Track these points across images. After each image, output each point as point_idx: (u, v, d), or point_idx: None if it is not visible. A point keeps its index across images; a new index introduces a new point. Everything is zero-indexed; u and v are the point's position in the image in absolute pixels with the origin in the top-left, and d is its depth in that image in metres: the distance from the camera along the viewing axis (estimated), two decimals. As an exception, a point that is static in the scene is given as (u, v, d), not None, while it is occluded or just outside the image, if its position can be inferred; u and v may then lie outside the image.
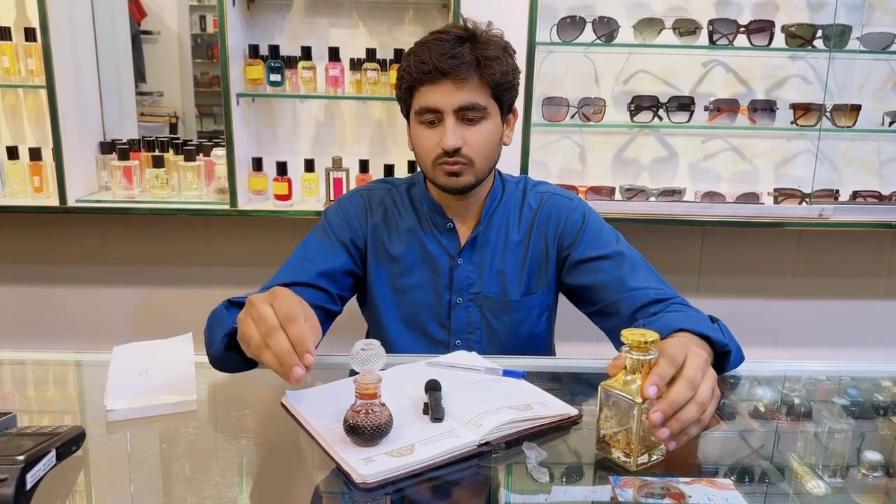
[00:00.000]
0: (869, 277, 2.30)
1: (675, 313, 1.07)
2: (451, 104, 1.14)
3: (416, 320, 1.28)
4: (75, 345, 2.25)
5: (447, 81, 1.13)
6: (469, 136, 1.16)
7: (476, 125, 1.16)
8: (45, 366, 1.13)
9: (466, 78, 1.13)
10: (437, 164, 1.17)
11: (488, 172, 1.22)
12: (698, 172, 2.20)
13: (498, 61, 1.15)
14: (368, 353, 0.78)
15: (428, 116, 1.16)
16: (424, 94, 1.15)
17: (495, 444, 0.83)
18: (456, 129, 1.14)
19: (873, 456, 0.84)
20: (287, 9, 2.09)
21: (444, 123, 1.15)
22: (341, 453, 0.78)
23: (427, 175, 1.23)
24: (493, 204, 1.28)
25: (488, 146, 1.18)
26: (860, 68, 2.11)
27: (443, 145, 1.14)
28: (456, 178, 1.17)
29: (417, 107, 1.17)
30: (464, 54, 1.12)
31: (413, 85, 1.17)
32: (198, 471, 0.78)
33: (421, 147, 1.19)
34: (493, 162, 1.23)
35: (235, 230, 2.20)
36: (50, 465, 0.73)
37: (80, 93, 2.04)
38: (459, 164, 1.16)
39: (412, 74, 1.15)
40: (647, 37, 2.01)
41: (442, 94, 1.13)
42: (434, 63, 1.12)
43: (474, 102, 1.14)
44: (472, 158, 1.16)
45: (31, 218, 2.16)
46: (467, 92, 1.14)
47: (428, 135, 1.17)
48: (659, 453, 0.81)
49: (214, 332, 1.05)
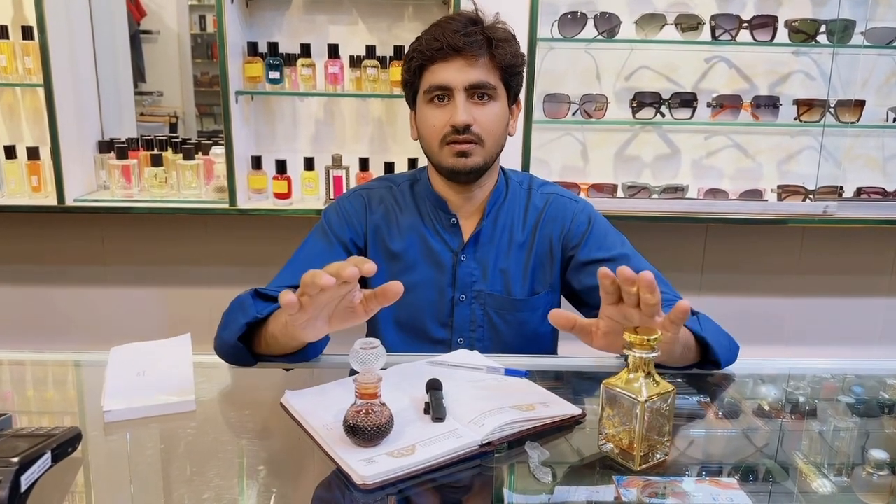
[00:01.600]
0: (873, 274, 2.29)
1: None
2: (462, 81, 1.14)
3: (414, 321, 1.26)
4: (74, 345, 2.24)
5: (459, 59, 1.14)
6: (479, 115, 1.16)
7: (486, 104, 1.17)
8: (44, 366, 1.12)
9: (478, 56, 1.15)
10: (446, 143, 1.17)
11: (496, 157, 1.22)
12: (701, 169, 2.19)
13: (508, 43, 1.18)
14: (369, 352, 0.77)
15: (438, 93, 1.16)
16: (435, 71, 1.16)
17: (497, 444, 0.82)
18: (466, 106, 1.15)
19: (879, 454, 0.83)
20: (286, 6, 2.08)
21: (454, 101, 1.15)
22: (341, 454, 0.77)
23: (433, 159, 1.22)
24: (498, 200, 1.27)
25: (498, 126, 1.19)
26: (864, 63, 2.10)
27: (453, 121, 1.15)
28: (465, 158, 1.17)
29: (427, 85, 1.17)
30: (476, 33, 1.15)
31: (424, 64, 1.17)
32: (196, 472, 0.78)
33: (428, 127, 1.19)
34: (501, 146, 1.23)
35: (235, 229, 2.19)
36: (45, 466, 0.72)
37: (77, 92, 2.03)
38: (470, 143, 1.16)
39: (424, 53, 1.16)
40: (649, 32, 1.99)
41: (454, 70, 1.14)
42: (447, 40, 1.13)
43: (485, 81, 1.15)
44: (482, 137, 1.17)
45: (29, 217, 2.15)
46: (479, 70, 1.15)
47: (436, 113, 1.17)
48: (662, 453, 0.80)
49: (236, 316, 1.05)
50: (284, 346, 1.02)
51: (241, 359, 1.06)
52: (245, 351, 1.05)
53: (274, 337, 1.02)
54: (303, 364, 1.08)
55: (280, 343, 1.02)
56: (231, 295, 1.12)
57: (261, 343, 1.06)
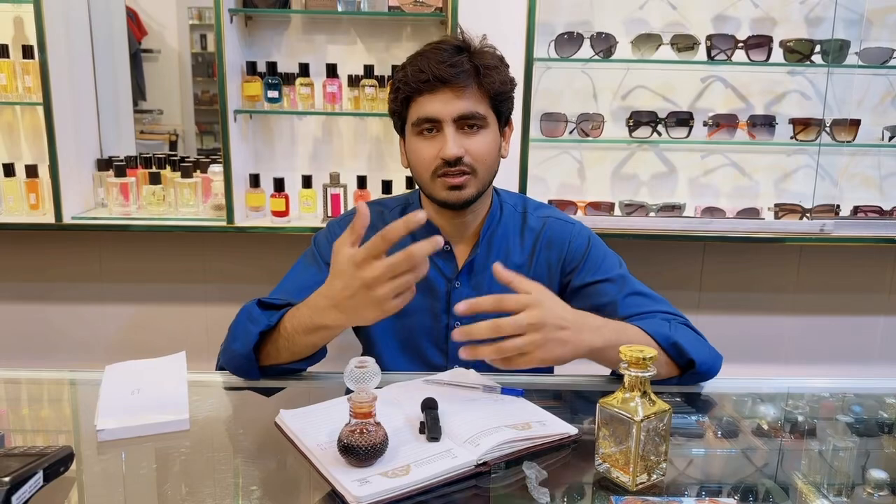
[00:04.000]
0: (871, 293, 2.29)
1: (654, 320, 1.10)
2: (450, 113, 1.12)
3: (412, 345, 1.25)
4: (70, 363, 2.23)
5: (446, 90, 1.12)
6: (470, 145, 1.14)
7: (476, 134, 1.15)
8: (38, 384, 1.12)
9: (466, 86, 1.12)
10: (437, 176, 1.15)
11: (489, 185, 1.21)
12: (698, 188, 2.20)
13: (496, 70, 1.15)
14: (363, 370, 0.77)
15: (427, 126, 1.14)
16: (422, 104, 1.14)
17: (493, 465, 0.81)
18: (456, 138, 1.13)
19: (878, 474, 0.83)
20: (285, 26, 2.09)
21: (444, 133, 1.13)
22: (335, 474, 0.76)
23: (425, 190, 1.20)
24: (492, 225, 1.25)
25: (489, 155, 1.17)
26: (859, 83, 2.11)
27: (443, 154, 1.12)
28: (458, 191, 1.15)
29: (415, 118, 1.15)
30: (462, 63, 1.12)
31: (410, 96, 1.15)
32: (190, 492, 0.77)
33: (419, 160, 1.17)
34: (494, 173, 1.21)
35: (232, 247, 2.19)
36: (37, 486, 0.71)
37: (77, 110, 2.04)
38: (464, 176, 1.14)
39: (409, 84, 1.13)
40: (646, 52, 2.01)
41: (441, 102, 1.12)
42: (433, 71, 1.10)
43: (474, 111, 1.13)
44: (474, 167, 1.14)
45: (27, 235, 2.15)
46: (466, 100, 1.12)
47: (426, 146, 1.15)
48: (658, 472, 0.79)
49: (247, 327, 1.04)
50: (298, 352, 1.03)
51: (251, 371, 1.05)
52: (255, 363, 1.04)
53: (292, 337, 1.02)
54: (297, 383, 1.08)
55: (294, 348, 1.02)
56: (229, 313, 1.12)
57: (270, 352, 1.05)
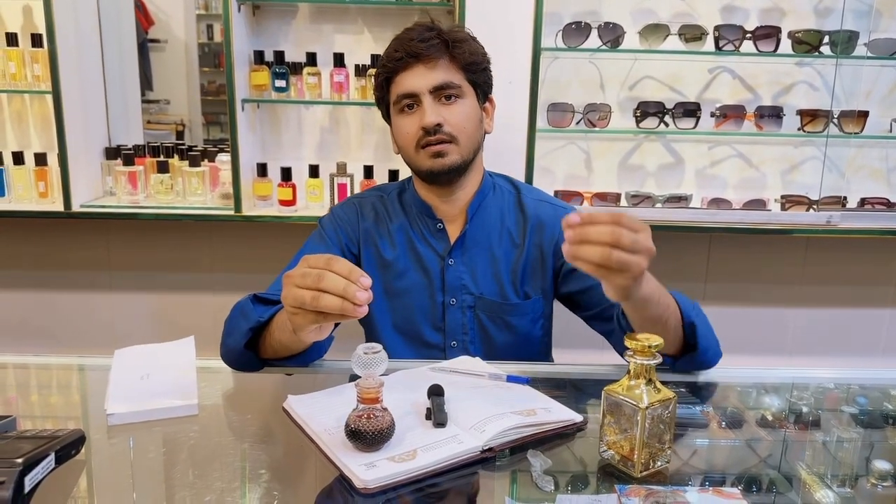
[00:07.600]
0: (877, 285, 2.28)
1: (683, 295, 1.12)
2: (425, 85, 1.18)
3: (409, 325, 1.27)
4: (79, 351, 2.24)
5: (419, 65, 1.18)
6: (447, 114, 1.19)
7: (454, 104, 1.20)
8: (48, 370, 1.13)
9: (437, 58, 1.18)
10: (420, 146, 1.20)
11: (473, 154, 1.24)
12: (704, 179, 2.19)
13: (466, 42, 1.22)
14: (371, 356, 0.77)
15: (406, 101, 1.20)
16: (400, 82, 1.20)
17: (499, 451, 0.82)
18: (434, 107, 1.18)
19: (883, 465, 0.83)
20: (292, 15, 2.09)
21: (423, 106, 1.19)
22: (343, 458, 0.77)
23: (412, 165, 1.25)
24: (482, 201, 1.29)
25: (469, 123, 1.22)
26: (867, 74, 2.10)
27: (422, 123, 1.18)
28: (441, 158, 1.19)
29: (395, 96, 1.22)
30: (432, 38, 1.19)
31: (389, 77, 1.22)
32: (199, 476, 0.78)
33: (402, 135, 1.23)
34: (476, 143, 1.25)
35: (239, 236, 2.20)
36: (49, 468, 0.72)
37: (85, 99, 2.04)
38: (443, 143, 1.19)
39: (387, 66, 1.21)
40: (653, 43, 2.00)
41: (416, 76, 1.18)
42: (406, 49, 1.18)
43: (448, 81, 1.19)
44: (454, 135, 1.19)
45: (36, 223, 2.16)
46: (440, 71, 1.19)
47: (408, 121, 1.21)
48: (663, 460, 0.80)
49: (239, 323, 1.06)
50: (290, 348, 1.03)
51: (249, 364, 1.07)
52: (252, 356, 1.06)
53: (279, 340, 1.02)
54: (304, 369, 1.09)
55: (285, 345, 1.02)
56: (235, 301, 1.13)
57: (266, 347, 1.06)
